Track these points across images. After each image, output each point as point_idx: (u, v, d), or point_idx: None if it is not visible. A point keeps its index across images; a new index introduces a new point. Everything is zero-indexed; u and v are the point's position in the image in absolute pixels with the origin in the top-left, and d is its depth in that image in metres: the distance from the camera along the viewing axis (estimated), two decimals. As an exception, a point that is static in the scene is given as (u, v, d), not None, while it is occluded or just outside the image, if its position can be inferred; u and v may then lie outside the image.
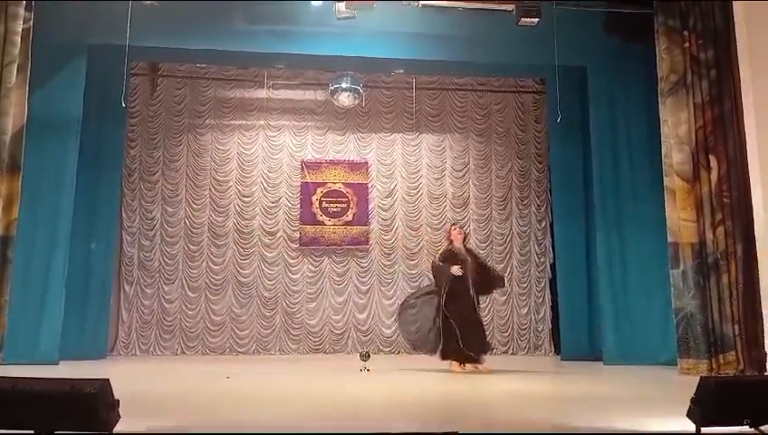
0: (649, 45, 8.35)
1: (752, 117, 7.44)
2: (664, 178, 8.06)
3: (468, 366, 7.73)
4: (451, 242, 8.12)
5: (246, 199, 10.72)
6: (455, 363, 7.76)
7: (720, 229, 7.73)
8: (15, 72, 7.40)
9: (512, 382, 7.30)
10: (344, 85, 10.06)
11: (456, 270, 7.74)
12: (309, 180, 10.76)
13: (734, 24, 7.70)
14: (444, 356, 7.78)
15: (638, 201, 8.98)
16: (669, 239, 7.91)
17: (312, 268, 10.71)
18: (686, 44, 8.05)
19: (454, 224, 8.99)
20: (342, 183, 10.83)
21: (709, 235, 7.75)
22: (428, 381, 7.47)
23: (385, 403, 5.75)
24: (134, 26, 7.99)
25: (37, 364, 7.49)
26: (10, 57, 7.37)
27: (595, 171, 9.22)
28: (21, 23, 7.47)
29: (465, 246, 8.17)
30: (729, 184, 7.75)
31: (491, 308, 10.75)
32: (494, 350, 8.27)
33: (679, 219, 7.84)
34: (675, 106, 8.01)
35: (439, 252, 8.32)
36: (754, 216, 7.39)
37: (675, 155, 7.95)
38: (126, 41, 7.92)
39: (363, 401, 5.84)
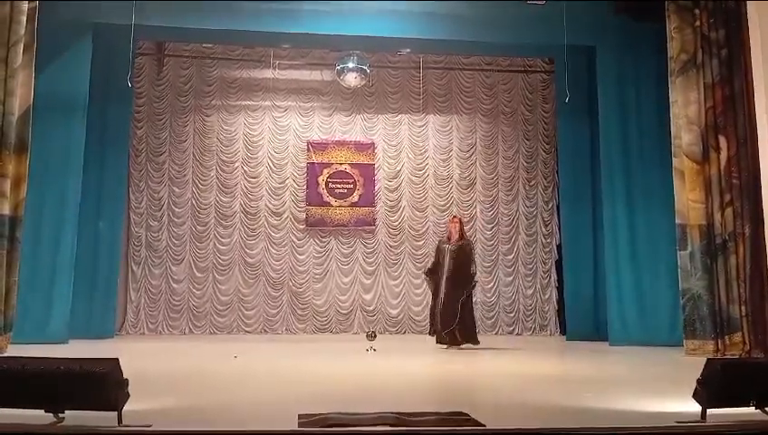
0: (660, 24, 8.24)
1: (762, 98, 7.37)
2: (673, 158, 8.01)
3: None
4: (450, 235, 8.60)
5: (253, 180, 10.72)
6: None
7: (728, 211, 7.69)
8: (21, 52, 7.36)
9: (518, 363, 7.33)
10: (350, 65, 9.97)
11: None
12: (315, 161, 10.74)
13: (745, 3, 7.59)
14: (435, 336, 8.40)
15: (647, 182, 8.93)
16: (677, 221, 7.88)
17: (319, 249, 10.73)
18: (697, 23, 7.95)
19: (454, 216, 9.05)
20: (349, 164, 10.80)
21: (717, 216, 7.72)
22: (435, 362, 7.52)
23: (392, 383, 5.78)
24: (139, 5, 7.95)
25: (47, 343, 7.56)
26: (16, 37, 7.32)
27: (603, 152, 9.16)
28: (27, 2, 7.41)
29: (460, 236, 8.50)
30: (738, 165, 7.70)
31: (496, 289, 10.78)
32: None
33: (688, 200, 7.80)
34: (685, 86, 7.93)
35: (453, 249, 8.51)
36: (763, 197, 7.35)
37: (684, 135, 7.88)
38: (131, 20, 7.88)
39: (370, 381, 5.88)
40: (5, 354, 6.65)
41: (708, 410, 3.83)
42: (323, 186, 10.71)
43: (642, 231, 8.90)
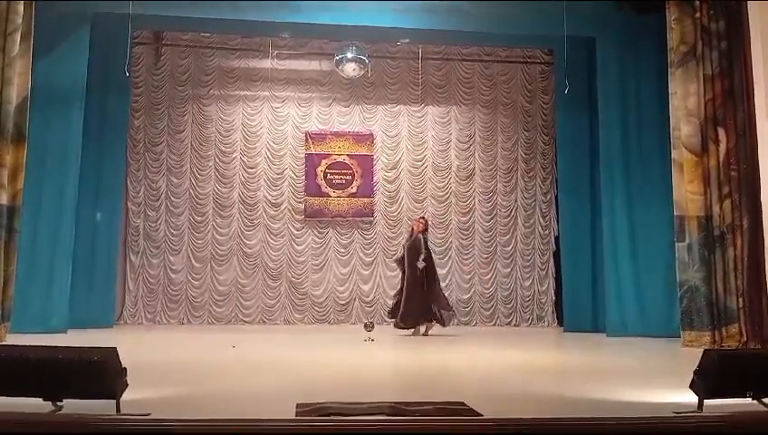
0: (660, 16, 8.21)
1: (762, 90, 7.36)
2: (672, 150, 8.00)
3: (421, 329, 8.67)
4: (413, 232, 9.06)
5: (251, 171, 10.70)
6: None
7: (727, 203, 7.70)
8: (19, 40, 7.33)
9: (515, 353, 7.35)
10: (349, 55, 9.93)
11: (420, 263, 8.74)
12: (313, 152, 10.71)
13: (746, -5, 7.57)
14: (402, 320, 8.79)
15: (646, 174, 8.93)
16: (675, 212, 7.89)
17: (317, 240, 10.73)
18: (697, 15, 7.92)
19: (422, 217, 9.63)
20: (347, 155, 10.77)
21: (716, 208, 7.73)
22: (432, 352, 7.53)
23: (389, 373, 5.80)
24: (137, -6, 7.90)
25: (46, 333, 7.57)
26: (13, 26, 7.29)
27: (602, 143, 9.15)
28: (24, -8, 7.38)
29: (423, 235, 8.98)
30: (737, 157, 7.70)
31: (494, 280, 10.79)
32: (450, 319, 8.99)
33: (686, 192, 7.81)
34: (684, 78, 7.92)
35: (407, 245, 9.07)
36: (762, 189, 7.35)
37: (683, 127, 7.88)
38: (129, 9, 7.83)
39: (368, 371, 5.90)
40: (4, 343, 6.65)
41: (705, 401, 3.85)
42: (322, 177, 10.69)
43: (641, 223, 8.91)
